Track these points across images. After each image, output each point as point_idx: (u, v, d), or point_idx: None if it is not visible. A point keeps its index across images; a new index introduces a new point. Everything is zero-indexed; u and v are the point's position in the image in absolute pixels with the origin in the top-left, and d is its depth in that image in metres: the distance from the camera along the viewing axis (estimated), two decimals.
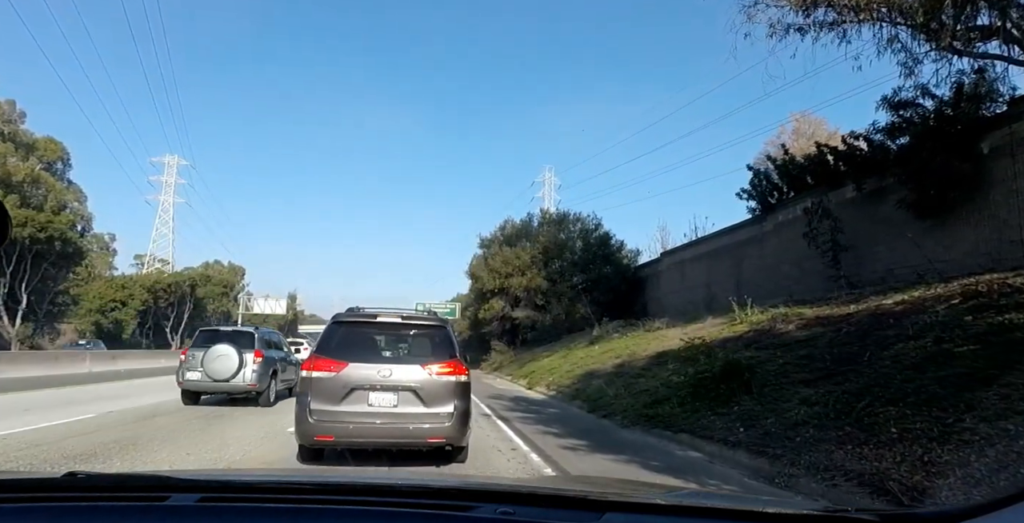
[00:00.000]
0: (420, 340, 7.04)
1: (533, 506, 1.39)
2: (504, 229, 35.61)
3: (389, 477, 2.90)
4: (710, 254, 25.74)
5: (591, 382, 14.25)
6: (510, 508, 1.33)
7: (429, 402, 6.27)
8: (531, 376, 20.54)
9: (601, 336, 21.32)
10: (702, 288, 25.93)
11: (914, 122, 14.03)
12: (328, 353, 6.50)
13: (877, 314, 9.30)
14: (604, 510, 1.34)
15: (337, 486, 1.62)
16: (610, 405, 11.28)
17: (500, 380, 25.02)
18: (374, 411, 6.23)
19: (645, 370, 12.86)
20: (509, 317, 33.07)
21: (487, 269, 33.02)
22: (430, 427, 6.21)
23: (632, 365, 14.18)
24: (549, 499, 1.48)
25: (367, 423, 6.20)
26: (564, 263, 31.83)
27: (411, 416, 6.23)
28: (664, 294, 29.91)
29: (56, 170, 59.49)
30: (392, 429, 6.21)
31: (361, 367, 6.35)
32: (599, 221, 33.50)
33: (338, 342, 6.62)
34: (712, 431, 7.49)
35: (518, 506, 1.35)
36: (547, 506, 1.41)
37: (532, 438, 8.70)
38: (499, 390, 18.89)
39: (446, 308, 57.92)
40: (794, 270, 19.50)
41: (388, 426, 6.21)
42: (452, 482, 2.08)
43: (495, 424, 10.31)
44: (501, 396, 16.12)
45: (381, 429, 6.22)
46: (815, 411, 6.53)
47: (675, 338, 15.51)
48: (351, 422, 6.17)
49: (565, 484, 2.76)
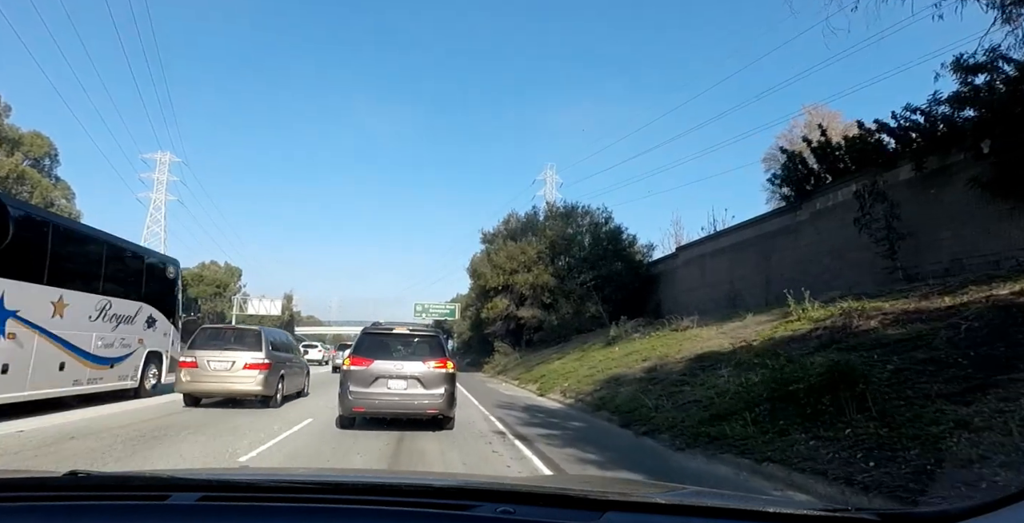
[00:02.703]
0: (421, 345, 9.70)
1: (533, 505, 1.38)
2: (508, 223, 33.54)
3: (389, 476, 2.91)
4: (734, 247, 23.78)
5: (618, 389, 12.25)
6: (510, 507, 1.32)
7: (428, 386, 9.10)
8: (542, 381, 18.54)
9: (619, 336, 19.32)
10: (725, 284, 23.99)
11: (995, 88, 12.05)
12: (361, 353, 9.39)
13: (1000, 306, 7.30)
14: (605, 509, 1.33)
15: (337, 485, 1.63)
16: (649, 418, 9.30)
17: (506, 384, 22.99)
18: (391, 392, 9.05)
19: (687, 376, 10.86)
20: (514, 316, 30.99)
21: (490, 265, 30.90)
22: (429, 402, 9.03)
23: (667, 370, 12.18)
24: (549, 498, 1.47)
25: (387, 399, 9.02)
26: (572, 259, 29.81)
27: (416, 395, 9.04)
28: (680, 292, 27.94)
29: (43, 166, 57.69)
30: (403, 403, 9.03)
31: (382, 363, 9.23)
32: (609, 214, 31.52)
33: (367, 346, 9.54)
34: (817, 462, 5.50)
35: (518, 505, 1.34)
36: (548, 505, 1.40)
37: (567, 468, 6.69)
38: (507, 397, 16.88)
39: (445, 309, 56.26)
40: (836, 262, 17.55)
41: (401, 402, 9.03)
42: (452, 482, 1.88)
43: (513, 446, 8.26)
44: (511, 405, 14.11)
45: (396, 403, 9.03)
46: (991, 440, 4.52)
47: (711, 338, 13.55)
48: (376, 399, 9.02)
49: (566, 483, 2.65)
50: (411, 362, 9.26)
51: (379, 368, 9.13)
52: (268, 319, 67.06)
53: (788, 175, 19.35)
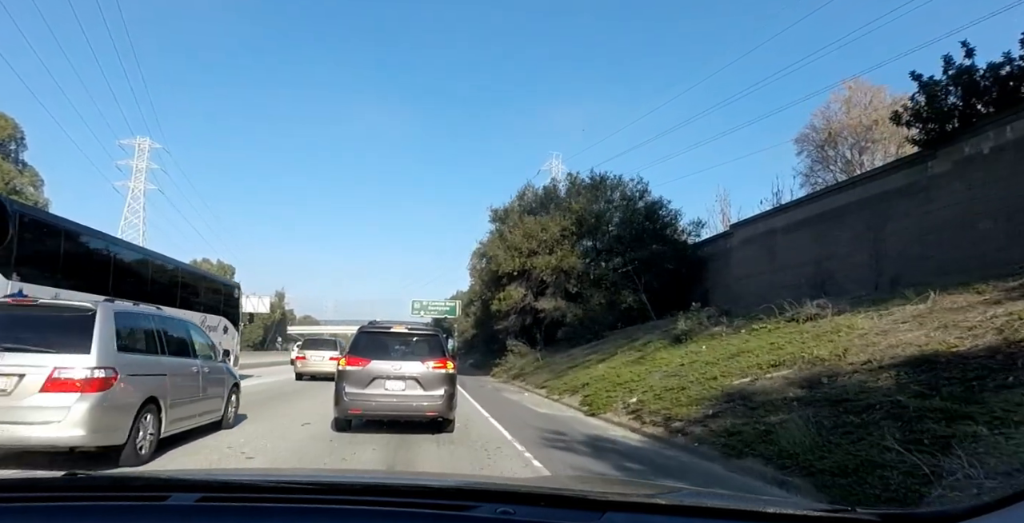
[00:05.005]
0: (420, 344, 9.32)
1: (533, 506, 1.36)
2: (523, 197, 28.18)
3: (389, 477, 2.85)
4: (821, 218, 18.60)
5: (762, 416, 7.07)
6: (510, 508, 1.29)
7: (427, 387, 8.70)
8: (586, 392, 13.38)
9: (691, 331, 14.11)
10: (806, 266, 18.81)
11: None
12: (357, 353, 9.06)
13: None
14: (604, 509, 1.30)
15: (337, 486, 1.61)
16: (913, 492, 4.04)
17: (530, 394, 17.71)
18: (389, 393, 8.68)
19: (924, 397, 5.62)
20: (531, 309, 25.66)
21: (503, 246, 25.45)
22: (428, 404, 8.63)
23: (847, 383, 7.03)
24: (549, 499, 1.44)
25: (384, 401, 8.64)
26: (605, 238, 24.46)
27: (415, 397, 8.66)
28: (737, 279, 22.78)
29: (8, 150, 53.07)
30: (401, 406, 8.67)
31: (380, 363, 8.86)
32: (645, 186, 26.07)
33: (363, 345, 9.17)
34: None
35: (518, 506, 1.32)
36: (547, 506, 1.37)
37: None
38: (543, 418, 11.74)
39: (445, 306, 52.75)
40: (1004, 227, 12.37)
41: (399, 403, 8.66)
42: (452, 482, 1.83)
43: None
44: (560, 438, 9.01)
45: (394, 405, 8.67)
46: None
47: (891, 331, 8.32)
48: (374, 401, 8.63)
49: (565, 484, 2.53)
50: (409, 362, 8.89)
51: (376, 368, 8.78)
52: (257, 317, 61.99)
53: (924, 108, 14.05)
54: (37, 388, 5.67)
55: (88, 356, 5.86)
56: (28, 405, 5.63)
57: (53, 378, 5.70)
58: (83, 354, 5.85)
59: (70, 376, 5.73)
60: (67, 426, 5.62)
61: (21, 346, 5.85)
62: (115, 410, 5.99)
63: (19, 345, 5.85)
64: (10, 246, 9.47)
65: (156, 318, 7.72)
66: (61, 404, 5.63)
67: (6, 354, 5.76)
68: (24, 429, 5.64)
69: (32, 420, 5.62)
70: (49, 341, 5.97)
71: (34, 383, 5.68)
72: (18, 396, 5.64)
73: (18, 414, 5.59)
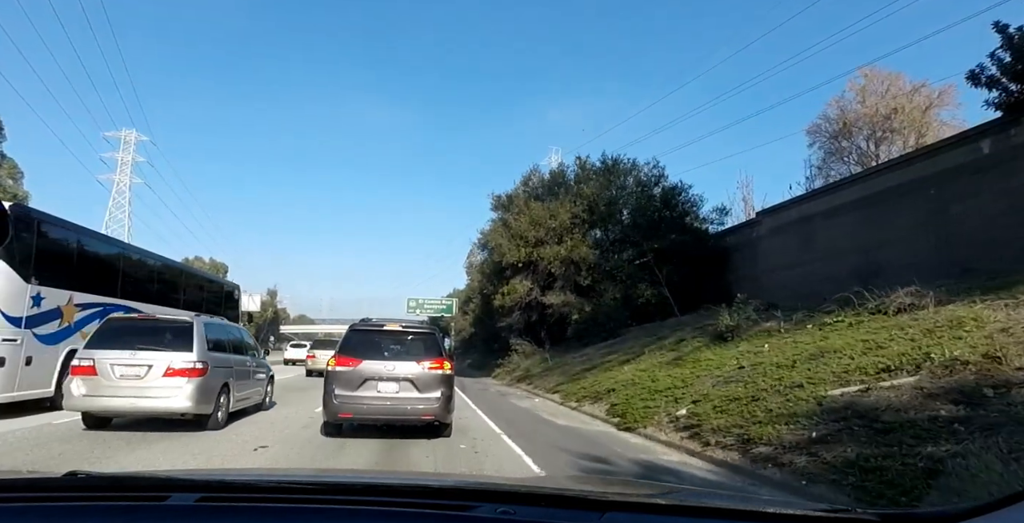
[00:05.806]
0: (415, 343, 8.74)
1: (533, 506, 1.34)
2: (528, 183, 25.93)
3: (388, 477, 2.84)
4: (868, 202, 16.50)
5: (912, 445, 4.95)
6: (510, 508, 1.28)
7: (422, 389, 8.19)
8: (611, 399, 11.31)
9: (738, 327, 11.97)
10: (851, 255, 16.73)
11: None
12: (347, 353, 8.50)
13: None
14: (605, 510, 1.29)
15: (337, 486, 1.59)
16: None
17: (540, 400, 15.52)
18: (382, 396, 8.17)
19: None
20: (538, 304, 23.46)
21: (508, 235, 23.23)
22: (424, 407, 8.13)
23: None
24: (549, 499, 1.41)
25: (377, 404, 8.13)
26: (618, 227, 22.25)
27: (409, 399, 8.16)
28: (765, 271, 20.68)
29: None
30: (395, 409, 8.15)
31: (372, 363, 8.34)
32: (662, 171, 23.87)
33: (354, 344, 8.61)
34: None
35: (518, 506, 1.30)
36: (547, 506, 1.35)
37: None
38: (568, 434, 9.60)
39: (442, 304, 51.69)
40: None
41: (392, 406, 8.14)
42: (452, 482, 1.82)
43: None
44: (604, 468, 6.84)
45: (387, 409, 8.15)
46: None
47: None
48: (365, 404, 8.13)
49: (566, 484, 2.48)
50: (404, 362, 8.34)
51: (368, 369, 8.27)
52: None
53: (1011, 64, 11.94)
54: (160, 374, 8.30)
55: (191, 353, 8.51)
56: (155, 385, 8.26)
57: (170, 368, 8.33)
58: (188, 352, 8.51)
59: (181, 366, 8.37)
60: (180, 400, 8.26)
61: (149, 346, 8.49)
62: (207, 390, 8.63)
63: (148, 346, 8.49)
64: (29, 252, 10.15)
65: (224, 327, 10.67)
66: (176, 385, 8.27)
67: (140, 352, 8.38)
68: (152, 402, 8.31)
69: (158, 396, 8.27)
70: (165, 343, 8.62)
71: (158, 371, 8.32)
72: (149, 380, 8.28)
73: (149, 392, 8.25)
